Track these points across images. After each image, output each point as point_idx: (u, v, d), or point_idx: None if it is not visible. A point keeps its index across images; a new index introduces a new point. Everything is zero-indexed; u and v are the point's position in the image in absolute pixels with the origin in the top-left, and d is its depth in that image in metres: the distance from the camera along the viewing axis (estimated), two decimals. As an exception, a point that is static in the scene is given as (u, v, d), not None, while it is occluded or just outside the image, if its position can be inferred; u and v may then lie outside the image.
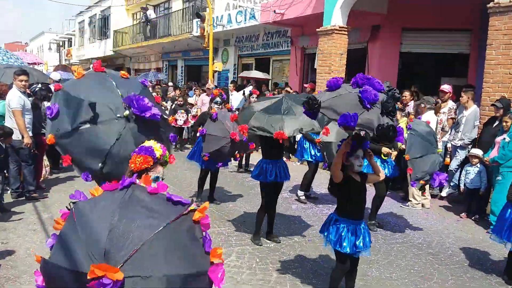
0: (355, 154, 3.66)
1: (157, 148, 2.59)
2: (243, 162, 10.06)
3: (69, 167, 5.20)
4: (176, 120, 12.63)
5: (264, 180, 5.36)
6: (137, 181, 2.17)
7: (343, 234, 3.69)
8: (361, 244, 3.69)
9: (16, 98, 6.62)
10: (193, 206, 2.01)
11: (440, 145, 7.08)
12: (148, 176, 2.38)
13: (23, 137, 6.62)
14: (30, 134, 6.76)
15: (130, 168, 2.54)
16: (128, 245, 1.78)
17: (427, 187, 7.64)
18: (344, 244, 3.66)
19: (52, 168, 8.55)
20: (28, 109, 6.84)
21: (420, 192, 7.40)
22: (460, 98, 7.71)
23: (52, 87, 9.63)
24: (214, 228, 5.85)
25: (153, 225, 1.86)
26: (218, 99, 7.07)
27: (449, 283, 4.60)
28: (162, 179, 2.60)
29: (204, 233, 2.04)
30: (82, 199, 2.10)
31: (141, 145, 2.60)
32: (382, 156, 6.17)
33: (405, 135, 7.46)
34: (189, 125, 12.52)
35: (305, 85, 13.67)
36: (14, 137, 6.57)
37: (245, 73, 16.95)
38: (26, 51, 50.53)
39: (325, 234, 3.85)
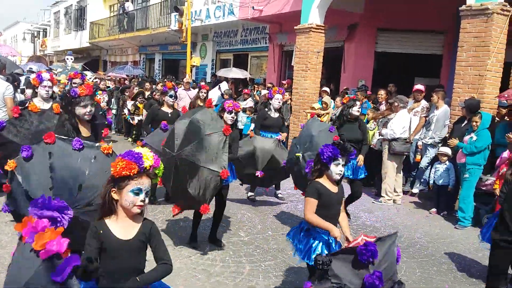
0: (336, 161, 3.31)
1: (148, 157, 2.20)
2: None
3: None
4: None
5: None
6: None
7: (314, 245, 3.34)
8: None
9: (10, 86, 6.58)
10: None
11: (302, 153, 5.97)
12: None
13: None
14: None
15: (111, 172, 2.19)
16: None
17: (400, 183, 7.86)
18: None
19: None
20: None
21: (393, 189, 7.62)
22: (431, 98, 7.94)
23: (22, 78, 9.52)
24: (189, 222, 5.88)
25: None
26: (172, 92, 6.81)
27: (416, 276, 4.75)
28: (147, 194, 2.24)
29: None
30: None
31: (131, 149, 2.24)
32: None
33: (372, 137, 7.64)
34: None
35: (283, 81, 13.80)
36: None
37: (223, 72, 15.92)
38: (-2, 41, 49.17)
39: (294, 243, 3.48)
